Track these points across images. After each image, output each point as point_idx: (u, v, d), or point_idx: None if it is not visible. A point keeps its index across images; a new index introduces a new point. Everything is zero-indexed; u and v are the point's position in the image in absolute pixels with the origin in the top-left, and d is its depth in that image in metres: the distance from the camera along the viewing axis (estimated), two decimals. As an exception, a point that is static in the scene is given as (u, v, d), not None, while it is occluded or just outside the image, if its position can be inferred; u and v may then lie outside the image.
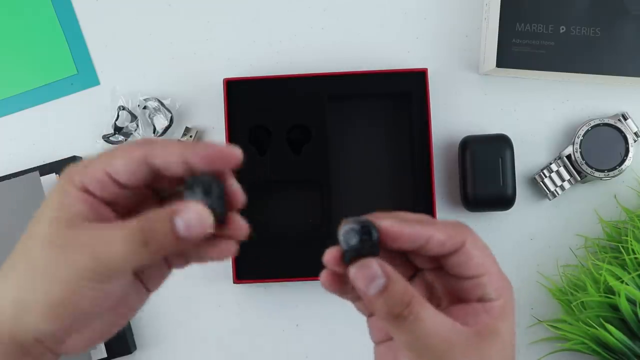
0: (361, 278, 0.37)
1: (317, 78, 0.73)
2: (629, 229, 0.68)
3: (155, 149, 0.37)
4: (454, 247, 0.38)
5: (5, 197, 0.72)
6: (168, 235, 0.36)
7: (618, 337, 0.64)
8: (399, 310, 0.36)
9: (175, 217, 0.36)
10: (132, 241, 0.36)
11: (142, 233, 0.36)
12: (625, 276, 0.65)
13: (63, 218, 0.37)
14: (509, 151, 0.71)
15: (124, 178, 0.38)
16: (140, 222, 0.36)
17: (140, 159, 0.37)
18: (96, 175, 0.37)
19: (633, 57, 0.71)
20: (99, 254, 0.36)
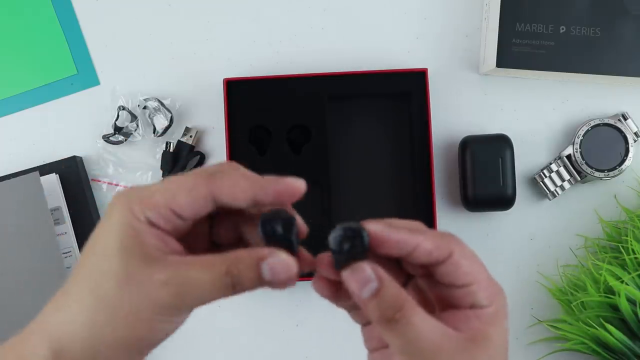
0: (354, 281, 0.37)
1: (317, 78, 0.73)
2: (629, 229, 0.68)
3: (222, 185, 0.37)
4: (441, 257, 0.38)
5: (5, 197, 0.72)
6: (254, 281, 0.36)
7: (618, 337, 0.64)
8: (391, 313, 0.37)
9: (262, 264, 0.36)
10: (220, 283, 0.36)
11: (229, 277, 0.36)
12: (625, 276, 0.65)
13: (137, 253, 0.36)
14: (509, 151, 0.71)
15: (188, 214, 0.37)
16: (227, 265, 0.36)
17: (205, 196, 0.37)
18: (160, 210, 0.37)
19: (633, 57, 0.71)
20: (184, 294, 0.36)
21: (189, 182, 0.37)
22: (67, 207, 0.74)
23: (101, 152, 0.76)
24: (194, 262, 0.36)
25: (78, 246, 0.74)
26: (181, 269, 0.36)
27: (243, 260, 0.36)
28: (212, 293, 0.36)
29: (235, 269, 0.36)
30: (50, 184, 0.73)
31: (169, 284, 0.36)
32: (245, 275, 0.36)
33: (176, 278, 0.36)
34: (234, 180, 0.37)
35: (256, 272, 0.36)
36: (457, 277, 0.39)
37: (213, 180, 0.37)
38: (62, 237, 0.73)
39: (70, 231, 0.73)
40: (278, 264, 0.36)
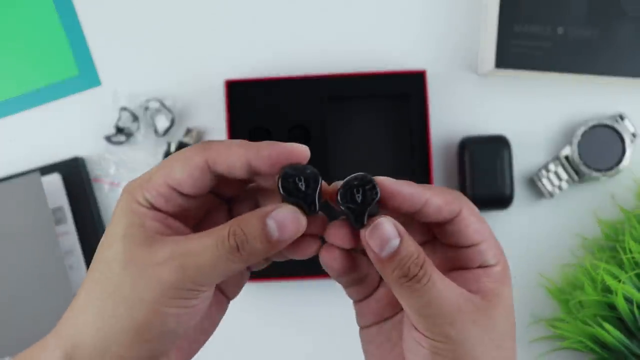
0: (376, 239, 0.35)
1: (317, 79, 0.73)
2: (626, 229, 0.68)
3: (216, 153, 0.35)
4: (450, 214, 0.37)
5: (6, 198, 0.72)
6: (261, 239, 0.34)
7: (615, 336, 0.64)
8: (414, 271, 0.35)
9: (267, 219, 0.34)
10: (223, 248, 0.34)
11: (233, 238, 0.34)
12: (623, 275, 0.65)
13: (137, 237, 0.35)
14: (507, 151, 0.72)
15: (187, 188, 0.36)
16: (231, 226, 0.34)
17: (200, 165, 0.35)
18: (159, 190, 0.35)
19: (630, 58, 0.71)
20: (186, 267, 0.34)
21: (183, 155, 0.36)
22: (69, 207, 0.74)
23: (103, 152, 0.76)
24: (194, 235, 0.35)
25: (80, 245, 0.74)
26: (181, 243, 0.34)
27: (246, 218, 0.34)
28: (216, 261, 0.34)
29: (238, 229, 0.34)
30: (53, 184, 0.74)
31: (168, 260, 0.34)
32: (250, 234, 0.34)
33: (176, 252, 0.34)
34: (226, 146, 0.35)
35: (261, 229, 0.34)
36: (466, 236, 0.37)
37: (207, 149, 0.35)
38: (64, 237, 0.74)
39: (73, 231, 0.74)
40: (285, 217, 0.34)
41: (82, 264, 0.74)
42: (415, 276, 0.35)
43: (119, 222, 0.36)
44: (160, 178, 0.35)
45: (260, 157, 0.35)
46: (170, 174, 0.35)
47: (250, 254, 0.34)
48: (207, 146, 0.36)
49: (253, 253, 0.34)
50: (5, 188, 0.72)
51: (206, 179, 0.36)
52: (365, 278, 0.39)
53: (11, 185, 0.72)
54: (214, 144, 0.36)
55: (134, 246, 0.35)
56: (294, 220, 0.35)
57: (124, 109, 0.75)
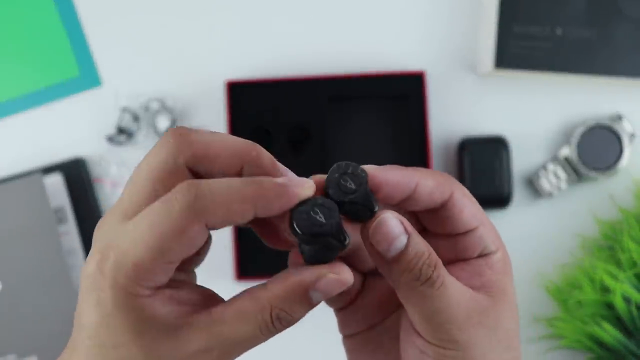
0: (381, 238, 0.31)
1: (317, 80, 0.74)
2: (625, 229, 0.69)
3: (215, 214, 0.29)
4: (442, 197, 0.33)
5: (8, 198, 0.72)
6: (304, 312, 0.31)
7: (613, 335, 0.65)
8: (427, 273, 0.31)
9: (311, 292, 0.30)
10: (265, 331, 0.30)
11: (279, 322, 0.30)
12: (621, 275, 0.65)
13: (155, 332, 0.29)
14: (506, 152, 0.72)
15: (183, 257, 0.30)
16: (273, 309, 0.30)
17: (199, 234, 0.29)
18: (157, 272, 0.29)
19: (628, 59, 0.71)
20: (226, 355, 0.30)
21: (176, 225, 0.29)
22: (71, 207, 0.74)
23: (104, 153, 0.76)
24: (228, 317, 0.30)
25: (82, 246, 0.74)
26: (215, 330, 0.30)
27: (287, 297, 0.30)
28: (257, 342, 0.30)
29: (282, 313, 0.30)
30: (55, 184, 0.74)
31: (207, 352, 0.30)
32: (295, 312, 0.30)
33: (213, 343, 0.30)
34: (227, 199, 0.29)
35: (306, 303, 0.30)
36: (462, 221, 0.33)
37: (202, 211, 0.29)
38: (65, 237, 0.74)
39: (74, 231, 0.74)
40: (329, 285, 0.30)
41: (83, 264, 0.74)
42: (429, 279, 0.31)
43: (119, 321, 0.29)
44: (154, 261, 0.29)
45: (269, 210, 0.30)
46: (165, 254, 0.29)
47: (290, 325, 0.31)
48: (201, 206, 0.29)
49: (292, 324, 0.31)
50: (7, 188, 0.72)
51: (204, 237, 0.30)
52: None
53: (13, 186, 0.72)
54: (208, 201, 0.29)
55: (156, 342, 0.29)
56: (339, 283, 0.31)
57: (125, 110, 0.75)
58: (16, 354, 0.72)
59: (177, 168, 0.30)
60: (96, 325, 0.29)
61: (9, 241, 0.72)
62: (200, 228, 0.29)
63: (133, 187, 0.31)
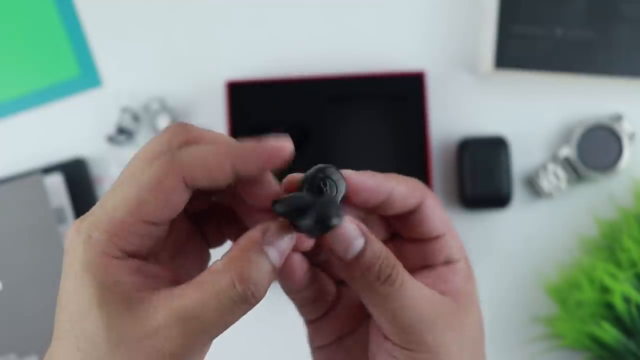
0: (338, 241, 0.31)
1: (317, 80, 0.74)
2: (624, 229, 0.69)
3: (193, 166, 0.29)
4: (415, 202, 0.33)
5: (8, 198, 0.72)
6: (268, 275, 0.30)
7: (613, 335, 0.65)
8: (386, 272, 0.31)
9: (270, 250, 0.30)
10: (232, 302, 0.29)
11: (242, 286, 0.29)
12: (621, 275, 0.65)
13: (117, 303, 0.28)
14: (506, 152, 0.72)
15: (164, 218, 0.29)
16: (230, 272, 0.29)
17: (177, 188, 0.29)
18: (132, 230, 0.29)
19: (628, 59, 0.72)
20: (189, 332, 0.28)
21: (152, 177, 0.29)
22: (71, 207, 0.74)
23: (104, 153, 0.76)
24: (187, 290, 0.29)
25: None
26: (175, 304, 0.28)
27: (243, 257, 0.29)
28: (225, 316, 0.29)
29: (241, 274, 0.29)
30: (55, 184, 0.74)
31: (168, 328, 0.28)
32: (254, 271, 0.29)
33: (173, 317, 0.28)
34: (204, 155, 0.29)
35: (264, 260, 0.30)
36: (431, 227, 0.34)
37: (180, 163, 0.29)
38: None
39: (74, 231, 0.74)
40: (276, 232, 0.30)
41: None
42: (389, 278, 0.31)
43: (86, 284, 0.28)
44: (130, 215, 0.28)
45: (247, 163, 0.30)
46: (142, 207, 0.28)
47: (259, 295, 0.29)
48: (179, 158, 0.29)
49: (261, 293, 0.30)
50: (7, 188, 0.72)
51: (183, 199, 0.29)
52: (323, 294, 0.35)
53: (13, 186, 0.72)
54: (187, 155, 0.29)
55: (116, 316, 0.28)
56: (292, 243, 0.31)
57: (125, 109, 0.75)
58: (16, 353, 0.72)
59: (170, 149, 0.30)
60: (69, 293, 0.29)
61: (9, 241, 0.72)
62: (177, 181, 0.29)
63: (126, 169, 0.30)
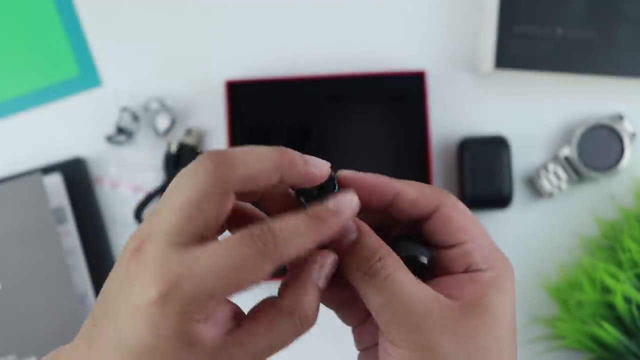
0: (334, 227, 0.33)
1: (317, 79, 0.74)
2: (625, 229, 0.69)
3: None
4: (427, 209, 0.34)
5: (8, 198, 0.72)
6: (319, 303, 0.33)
7: (614, 335, 0.65)
8: (370, 263, 0.32)
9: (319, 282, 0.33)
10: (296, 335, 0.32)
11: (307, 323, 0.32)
12: (621, 275, 0.65)
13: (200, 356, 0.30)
14: (507, 152, 0.72)
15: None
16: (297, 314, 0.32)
17: (270, 270, 0.30)
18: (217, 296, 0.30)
19: (629, 58, 0.71)
20: None
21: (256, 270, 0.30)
22: (71, 207, 0.74)
23: (104, 152, 0.76)
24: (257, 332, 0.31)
25: (81, 245, 0.74)
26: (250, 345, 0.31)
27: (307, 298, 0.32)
28: (286, 345, 0.32)
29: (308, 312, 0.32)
30: (54, 184, 0.74)
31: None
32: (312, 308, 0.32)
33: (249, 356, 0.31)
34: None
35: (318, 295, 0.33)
36: (448, 234, 0.34)
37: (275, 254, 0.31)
38: (65, 237, 0.74)
39: (74, 231, 0.74)
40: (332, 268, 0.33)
41: (83, 264, 0.74)
42: (371, 268, 0.32)
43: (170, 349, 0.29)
44: (225, 292, 0.30)
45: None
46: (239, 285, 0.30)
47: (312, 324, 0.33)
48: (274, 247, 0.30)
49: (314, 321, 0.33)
50: (6, 188, 0.72)
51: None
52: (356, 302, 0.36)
53: (13, 185, 0.72)
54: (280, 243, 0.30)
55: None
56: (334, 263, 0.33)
57: (124, 109, 0.75)
58: (16, 354, 0.72)
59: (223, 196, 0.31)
60: (144, 344, 0.29)
61: (8, 241, 0.72)
62: (271, 268, 0.30)
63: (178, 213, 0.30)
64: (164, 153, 0.75)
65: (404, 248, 0.34)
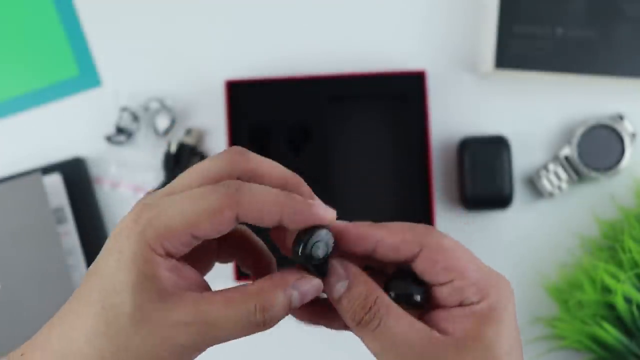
0: (328, 283, 0.35)
1: (318, 79, 0.74)
2: (626, 229, 0.69)
3: (248, 210, 0.33)
4: (409, 253, 0.35)
5: (7, 198, 0.72)
6: (284, 311, 0.34)
7: (614, 336, 0.65)
8: (360, 315, 0.34)
9: (292, 291, 0.34)
10: (248, 322, 0.33)
11: (261, 314, 0.33)
12: (622, 275, 0.65)
13: (150, 291, 0.32)
14: (507, 152, 0.72)
15: (207, 236, 0.34)
16: (257, 302, 0.33)
17: (230, 220, 0.33)
18: (181, 240, 0.33)
19: (629, 58, 0.71)
20: (206, 335, 0.33)
21: (213, 205, 0.33)
22: (70, 207, 0.74)
23: (104, 152, 0.76)
24: (215, 300, 0.33)
25: (81, 245, 0.74)
26: (202, 308, 0.33)
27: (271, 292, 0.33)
28: (238, 332, 0.33)
29: (267, 304, 0.33)
30: (54, 184, 0.74)
31: (188, 325, 0.33)
32: (276, 308, 0.33)
33: (197, 318, 0.33)
34: (261, 200, 0.33)
35: (287, 303, 0.34)
36: (436, 274, 0.35)
37: (238, 201, 0.33)
38: (65, 237, 0.74)
39: (73, 231, 0.74)
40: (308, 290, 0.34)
41: (83, 264, 0.74)
42: (362, 320, 0.34)
43: (128, 269, 0.33)
44: (184, 228, 0.33)
45: (293, 221, 0.34)
46: (196, 225, 0.33)
47: (271, 324, 0.34)
48: (239, 198, 0.33)
49: (273, 323, 0.34)
50: (6, 188, 0.72)
51: (230, 227, 0.34)
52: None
53: (13, 185, 0.72)
54: (246, 196, 0.33)
55: (146, 302, 0.32)
56: (315, 292, 0.35)
57: (124, 109, 0.75)
58: (15, 354, 0.71)
59: (229, 175, 0.34)
60: (110, 270, 0.33)
61: (8, 241, 0.72)
62: (232, 215, 0.33)
63: (183, 179, 0.34)
64: (163, 153, 0.75)
65: (398, 287, 0.36)
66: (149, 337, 0.32)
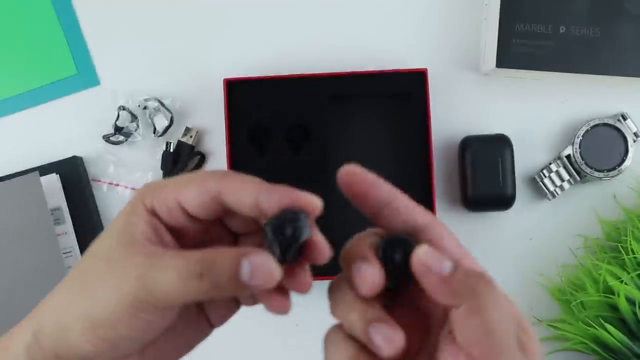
0: (434, 259, 0.35)
1: (317, 78, 0.73)
2: (628, 229, 0.68)
3: (229, 186, 0.35)
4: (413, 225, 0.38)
5: (5, 197, 0.72)
6: (228, 276, 0.33)
7: (617, 337, 0.64)
8: (485, 278, 0.34)
9: (243, 261, 0.33)
10: (187, 271, 0.33)
11: (200, 265, 0.33)
12: (625, 276, 0.65)
13: (126, 236, 0.35)
14: (509, 151, 0.71)
15: (193, 209, 0.36)
16: (203, 253, 0.33)
17: (213, 192, 0.35)
18: (166, 200, 0.36)
19: (632, 57, 0.71)
20: (146, 279, 0.33)
21: (200, 177, 0.36)
22: (68, 207, 0.74)
23: (102, 152, 0.76)
24: (171, 252, 0.34)
25: (78, 246, 0.74)
26: (155, 255, 0.34)
27: (222, 252, 0.33)
28: (176, 283, 0.33)
29: (209, 257, 0.33)
30: (51, 184, 0.73)
31: (136, 266, 0.34)
32: (219, 267, 0.33)
33: (145, 262, 0.34)
34: (243, 181, 0.35)
35: (233, 267, 0.33)
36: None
37: (223, 179, 0.36)
38: (62, 237, 0.73)
39: (71, 231, 0.74)
40: (262, 264, 0.33)
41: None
42: (488, 282, 0.33)
43: (119, 219, 0.36)
44: (172, 191, 0.36)
45: (270, 200, 0.35)
46: (182, 190, 0.36)
47: (213, 286, 0.33)
48: (225, 176, 0.36)
49: (216, 287, 0.33)
50: (4, 187, 0.72)
51: (214, 207, 0.36)
52: None
53: (10, 185, 0.72)
54: (232, 177, 0.36)
55: (118, 244, 0.35)
56: (268, 271, 0.33)
57: (122, 109, 0.75)
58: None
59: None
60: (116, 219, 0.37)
61: (5, 241, 0.72)
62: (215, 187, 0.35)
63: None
64: (162, 152, 0.75)
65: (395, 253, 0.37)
66: (107, 277, 0.34)
